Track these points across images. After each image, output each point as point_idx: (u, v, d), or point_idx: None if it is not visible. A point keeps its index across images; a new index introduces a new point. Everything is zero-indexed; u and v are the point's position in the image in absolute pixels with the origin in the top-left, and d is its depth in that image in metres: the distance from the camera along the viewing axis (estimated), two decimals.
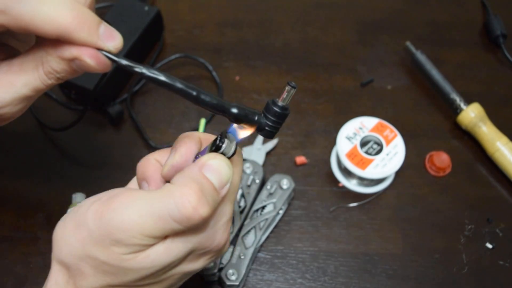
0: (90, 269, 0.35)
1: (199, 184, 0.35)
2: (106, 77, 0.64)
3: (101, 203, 0.35)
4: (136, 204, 0.34)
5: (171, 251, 0.36)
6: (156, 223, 0.34)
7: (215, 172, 0.36)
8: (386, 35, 0.77)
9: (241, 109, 0.37)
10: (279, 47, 0.76)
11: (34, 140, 0.66)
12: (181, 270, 0.38)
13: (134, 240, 0.34)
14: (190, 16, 0.78)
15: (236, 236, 0.58)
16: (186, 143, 0.39)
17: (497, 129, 0.66)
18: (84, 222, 0.35)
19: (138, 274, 0.35)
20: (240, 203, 0.60)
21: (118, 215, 0.34)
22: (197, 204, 0.34)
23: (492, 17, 0.77)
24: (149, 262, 0.35)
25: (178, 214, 0.34)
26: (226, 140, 0.37)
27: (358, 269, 0.59)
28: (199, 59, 0.72)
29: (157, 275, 0.37)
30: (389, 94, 0.72)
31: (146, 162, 0.40)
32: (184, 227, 0.35)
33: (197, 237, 0.37)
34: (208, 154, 0.37)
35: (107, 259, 0.34)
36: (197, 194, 0.34)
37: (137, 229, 0.34)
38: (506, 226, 0.62)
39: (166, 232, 0.35)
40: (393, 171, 0.61)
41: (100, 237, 0.34)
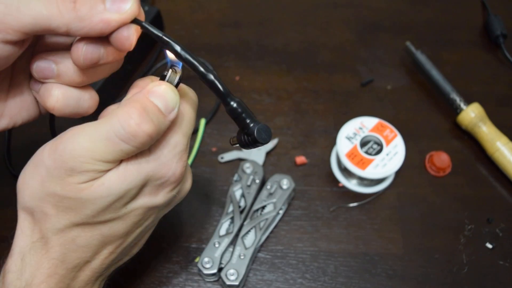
0: (51, 208, 0.36)
1: (142, 104, 0.35)
2: (106, 78, 0.64)
3: (55, 139, 0.36)
4: (85, 132, 0.35)
5: (125, 177, 0.36)
6: (106, 146, 0.35)
7: (160, 96, 0.37)
8: (386, 35, 0.77)
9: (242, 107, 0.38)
10: (279, 47, 0.76)
11: (34, 140, 0.66)
12: (141, 203, 0.39)
13: (87, 166, 0.35)
14: (190, 16, 0.78)
15: (236, 236, 0.58)
16: (138, 84, 0.40)
17: (497, 129, 0.66)
18: (41, 161, 0.36)
19: (96, 205, 0.36)
20: (240, 203, 0.60)
21: (69, 144, 0.35)
22: (139, 120, 0.35)
23: (492, 17, 0.77)
24: (105, 190, 0.36)
25: (123, 132, 0.34)
26: (170, 70, 0.39)
27: (358, 269, 0.59)
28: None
29: (116, 207, 0.37)
30: (389, 94, 0.72)
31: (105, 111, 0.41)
32: (132, 146, 0.35)
33: (150, 162, 0.37)
34: (153, 82, 0.38)
35: (65, 191, 0.35)
36: (139, 111, 0.35)
37: (88, 154, 0.34)
38: (506, 226, 0.62)
39: (116, 154, 0.35)
40: (393, 171, 0.61)
41: (56, 171, 0.35)
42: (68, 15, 0.34)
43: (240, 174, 0.62)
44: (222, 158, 0.66)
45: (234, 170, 0.64)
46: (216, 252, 0.57)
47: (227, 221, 0.59)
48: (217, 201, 0.63)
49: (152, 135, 0.35)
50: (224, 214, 0.60)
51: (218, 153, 0.66)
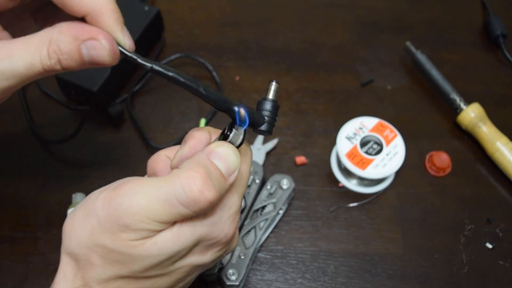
0: (98, 259, 0.35)
1: (205, 168, 0.35)
2: (107, 77, 0.64)
3: (110, 190, 0.35)
4: (143, 189, 0.34)
5: (179, 238, 0.36)
6: (163, 207, 0.34)
7: (222, 159, 0.36)
8: (386, 35, 0.77)
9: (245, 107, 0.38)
10: (279, 47, 0.76)
11: (34, 140, 0.66)
12: (189, 262, 0.38)
13: (142, 225, 0.34)
14: (190, 16, 0.78)
15: None
16: (196, 135, 0.39)
17: (497, 129, 0.66)
18: (93, 210, 0.35)
19: (145, 262, 0.35)
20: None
21: (126, 200, 0.34)
22: (203, 187, 0.34)
23: (492, 17, 0.76)
24: (157, 249, 0.35)
25: (184, 197, 0.34)
26: (233, 130, 0.38)
27: (358, 269, 0.59)
28: (199, 59, 0.72)
29: (165, 265, 0.37)
30: (389, 94, 0.72)
31: (156, 157, 0.40)
32: (191, 211, 0.35)
33: (205, 225, 0.37)
34: (216, 142, 0.37)
35: (115, 246, 0.34)
36: (203, 177, 0.34)
37: (144, 213, 0.34)
38: (506, 226, 0.62)
39: (173, 217, 0.35)
40: (393, 171, 0.61)
41: (108, 224, 0.34)
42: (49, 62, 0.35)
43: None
44: None
45: None
46: None
47: None
48: None
49: (213, 202, 0.35)
50: None
51: None
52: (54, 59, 0.35)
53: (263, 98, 0.40)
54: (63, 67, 0.36)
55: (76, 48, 0.35)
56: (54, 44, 0.35)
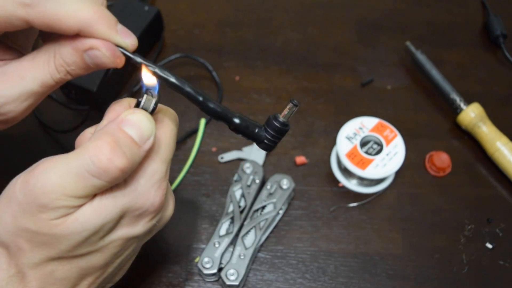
0: (26, 244, 0.35)
1: (113, 136, 0.34)
2: (107, 77, 0.64)
3: (27, 173, 0.35)
4: (56, 166, 0.34)
5: (100, 211, 0.35)
6: (76, 181, 0.34)
7: (134, 126, 0.35)
8: (386, 35, 0.77)
9: (243, 120, 0.37)
10: (279, 47, 0.76)
11: (34, 140, 0.66)
12: (120, 235, 0.37)
13: (59, 202, 0.34)
14: (190, 16, 0.78)
15: (236, 236, 0.58)
16: (115, 109, 0.39)
17: (497, 129, 0.66)
18: (13, 195, 0.35)
19: (71, 241, 0.35)
20: (240, 203, 0.60)
21: (40, 180, 0.34)
22: (111, 155, 0.33)
23: (492, 17, 0.77)
24: (79, 225, 0.34)
25: (94, 168, 0.33)
26: (145, 96, 0.37)
27: (358, 269, 0.59)
28: (199, 59, 0.72)
29: (93, 241, 0.36)
30: (389, 94, 0.72)
31: (81, 136, 0.40)
32: (105, 181, 0.34)
33: (126, 195, 0.36)
34: (127, 110, 0.37)
35: (38, 227, 0.34)
36: (110, 145, 0.34)
37: (59, 190, 0.33)
38: (506, 226, 0.62)
39: (88, 190, 0.34)
40: (393, 171, 0.61)
41: (27, 206, 0.34)
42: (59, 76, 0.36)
43: (240, 174, 0.62)
44: (222, 158, 0.65)
45: (234, 170, 0.64)
46: (216, 252, 0.57)
47: (227, 221, 0.59)
48: (217, 201, 0.63)
49: (125, 170, 0.34)
50: (224, 214, 0.60)
51: (218, 153, 0.66)
52: (63, 72, 0.36)
53: (274, 117, 0.39)
54: (73, 76, 0.37)
55: (80, 58, 0.35)
56: (59, 58, 0.35)
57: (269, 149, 0.39)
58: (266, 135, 0.39)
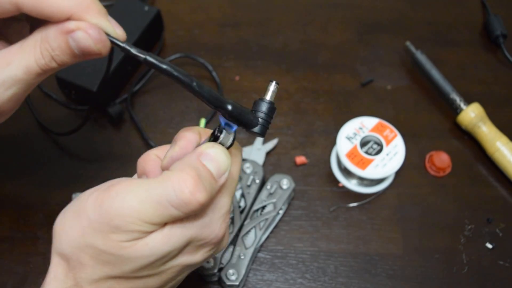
0: (89, 259, 0.35)
1: (196, 170, 0.35)
2: (107, 77, 0.64)
3: (100, 191, 0.35)
4: (134, 191, 0.34)
5: (169, 239, 0.36)
6: (155, 209, 0.34)
7: (213, 160, 0.36)
8: (386, 35, 0.77)
9: (236, 106, 0.37)
10: (279, 47, 0.76)
11: (34, 140, 0.66)
12: (180, 262, 0.38)
13: (133, 226, 0.34)
14: (190, 16, 0.78)
15: (236, 236, 0.58)
16: (186, 136, 0.39)
17: (497, 129, 0.66)
18: (84, 211, 0.35)
19: (136, 263, 0.35)
20: (240, 203, 0.60)
21: (117, 202, 0.34)
22: (194, 189, 0.34)
23: (492, 17, 0.76)
24: (148, 250, 0.35)
25: (175, 199, 0.34)
26: (224, 131, 0.38)
27: (358, 269, 0.59)
28: (199, 59, 0.72)
29: (156, 266, 0.37)
30: (389, 94, 0.72)
31: (146, 157, 0.40)
32: (182, 212, 0.35)
33: (195, 226, 0.37)
34: (206, 144, 0.37)
35: (106, 247, 0.34)
36: (194, 179, 0.34)
37: (135, 215, 0.34)
38: (506, 226, 0.62)
39: (164, 218, 0.35)
40: (393, 171, 0.61)
41: (99, 225, 0.34)
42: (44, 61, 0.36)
43: (240, 174, 0.62)
44: None
45: None
46: None
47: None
48: None
49: (204, 204, 0.35)
50: None
51: None
52: (48, 57, 0.35)
53: (260, 99, 0.40)
54: (59, 64, 0.36)
55: (64, 42, 0.35)
56: (45, 42, 0.35)
57: (264, 132, 0.39)
58: (259, 118, 0.39)
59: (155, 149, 0.41)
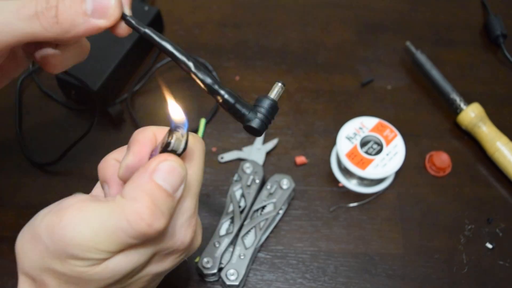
0: (52, 280, 0.34)
1: (150, 197, 0.33)
2: (107, 77, 0.64)
3: (52, 215, 0.34)
4: (87, 219, 0.33)
5: (131, 259, 0.35)
6: (110, 239, 0.33)
7: (166, 176, 0.34)
8: (386, 35, 0.77)
9: (232, 96, 0.36)
10: (279, 47, 0.76)
11: (34, 140, 0.66)
12: (148, 272, 0.37)
13: (89, 255, 0.33)
14: (190, 16, 0.78)
15: (236, 236, 0.58)
16: (139, 140, 0.37)
17: (497, 129, 0.66)
18: (38, 235, 0.34)
19: (100, 283, 0.35)
20: (240, 203, 0.60)
21: (70, 232, 0.33)
22: (151, 220, 0.33)
23: (492, 17, 0.77)
24: (109, 272, 0.34)
25: (132, 231, 0.33)
26: (174, 136, 0.35)
27: (358, 269, 0.59)
28: (199, 59, 0.72)
29: (123, 281, 0.36)
30: (389, 94, 0.72)
31: (105, 163, 0.39)
32: (140, 241, 0.34)
33: (157, 241, 0.36)
34: (156, 157, 0.35)
35: (67, 271, 0.34)
36: (150, 209, 0.33)
37: (90, 244, 0.33)
38: (506, 226, 0.62)
39: (121, 246, 0.34)
40: (393, 171, 0.61)
41: (55, 252, 0.33)
42: (53, 30, 0.34)
43: (240, 174, 0.62)
44: (222, 158, 0.65)
45: (234, 170, 0.64)
46: (216, 252, 0.57)
47: (227, 221, 0.59)
48: (217, 201, 0.63)
49: (163, 230, 0.34)
50: (224, 214, 0.60)
51: (218, 153, 0.66)
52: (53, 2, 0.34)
53: (264, 95, 0.37)
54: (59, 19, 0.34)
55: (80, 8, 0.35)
56: None
57: (262, 127, 0.37)
58: (258, 114, 0.37)
59: (113, 153, 0.39)
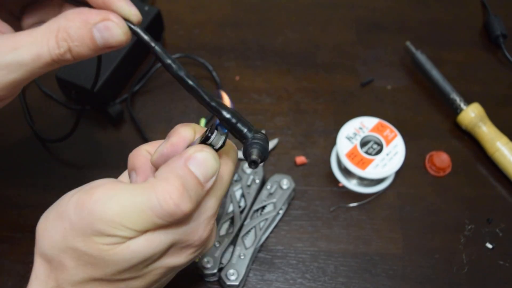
0: (71, 261, 0.35)
1: (182, 179, 0.34)
2: (107, 78, 0.64)
3: (82, 193, 0.35)
4: (117, 196, 0.34)
5: (152, 243, 0.35)
6: (138, 216, 0.34)
7: (200, 165, 0.35)
8: (386, 35, 0.77)
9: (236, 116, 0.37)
10: (279, 47, 0.76)
11: (34, 140, 0.66)
12: (163, 264, 0.38)
13: (115, 231, 0.34)
14: (190, 16, 0.78)
15: (236, 236, 0.58)
16: (180, 132, 0.38)
17: (497, 129, 0.66)
18: (66, 213, 0.35)
19: (118, 266, 0.35)
20: (240, 203, 0.60)
21: (100, 206, 0.34)
22: (179, 201, 0.34)
23: (492, 17, 0.77)
24: (130, 253, 0.35)
25: (160, 210, 0.34)
26: (215, 132, 0.36)
27: (358, 269, 0.59)
28: (199, 59, 0.72)
29: (138, 268, 0.36)
30: (389, 94, 0.72)
31: (137, 152, 0.40)
32: (166, 221, 0.34)
33: (179, 230, 0.36)
34: (194, 146, 0.36)
35: (88, 249, 0.34)
36: (179, 190, 0.34)
37: (118, 220, 0.33)
38: (506, 226, 0.62)
39: (148, 226, 0.34)
40: (393, 171, 0.61)
41: (81, 228, 0.34)
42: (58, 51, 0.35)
43: (240, 174, 0.62)
44: None
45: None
46: (216, 252, 0.57)
47: (227, 221, 0.59)
48: None
49: (189, 213, 0.35)
50: (224, 214, 0.60)
51: None
52: (64, 47, 0.35)
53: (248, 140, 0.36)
54: (74, 56, 0.35)
55: (87, 33, 0.34)
56: (63, 32, 0.34)
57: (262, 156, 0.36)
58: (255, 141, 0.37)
59: (146, 145, 0.40)
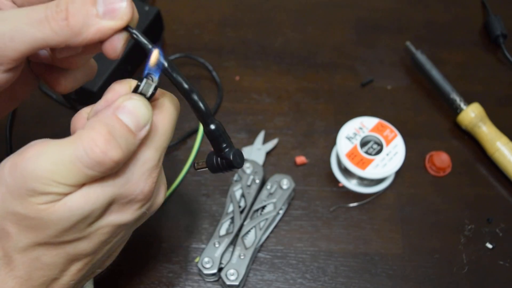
0: (13, 227, 0.35)
1: (108, 127, 0.33)
2: (107, 78, 0.64)
3: (15, 155, 0.34)
4: (48, 152, 0.33)
5: (89, 197, 0.34)
6: (68, 170, 0.33)
7: (130, 113, 0.34)
8: (386, 35, 0.77)
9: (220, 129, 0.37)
10: (279, 47, 0.76)
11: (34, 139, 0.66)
12: (108, 222, 0.37)
13: (49, 188, 0.33)
14: (190, 16, 0.78)
15: (236, 236, 0.58)
16: (115, 88, 0.38)
17: (497, 129, 0.66)
18: (2, 178, 0.34)
19: (58, 226, 0.34)
20: (240, 203, 0.60)
21: (31, 164, 0.33)
22: (106, 148, 0.33)
23: (492, 17, 0.77)
24: (68, 210, 0.34)
25: (87, 159, 0.33)
26: (144, 80, 0.35)
27: (358, 269, 0.59)
28: (199, 59, 0.72)
29: (81, 228, 0.36)
30: (389, 94, 0.72)
31: (78, 115, 0.39)
32: (98, 172, 0.34)
33: (116, 183, 0.35)
34: (123, 96, 0.35)
35: (27, 211, 0.34)
36: (105, 137, 0.33)
37: (49, 176, 0.33)
38: (506, 226, 0.62)
39: (80, 179, 0.34)
40: (393, 171, 0.61)
41: (16, 189, 0.33)
42: (63, 33, 0.34)
43: (240, 174, 0.62)
44: None
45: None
46: (216, 252, 0.57)
47: (227, 221, 0.59)
48: (217, 201, 0.63)
49: (119, 161, 0.34)
50: (224, 214, 0.60)
51: None
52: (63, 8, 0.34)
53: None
54: (70, 26, 0.34)
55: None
56: None
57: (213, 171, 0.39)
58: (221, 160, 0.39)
59: (87, 107, 0.39)
